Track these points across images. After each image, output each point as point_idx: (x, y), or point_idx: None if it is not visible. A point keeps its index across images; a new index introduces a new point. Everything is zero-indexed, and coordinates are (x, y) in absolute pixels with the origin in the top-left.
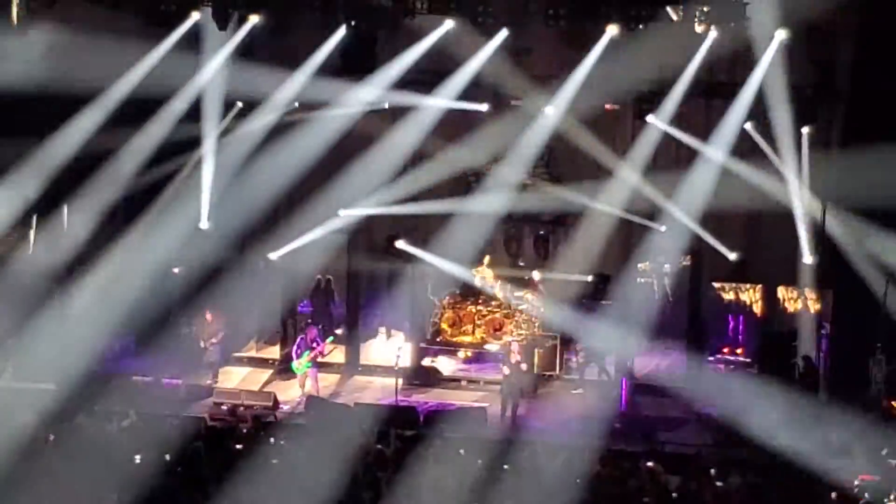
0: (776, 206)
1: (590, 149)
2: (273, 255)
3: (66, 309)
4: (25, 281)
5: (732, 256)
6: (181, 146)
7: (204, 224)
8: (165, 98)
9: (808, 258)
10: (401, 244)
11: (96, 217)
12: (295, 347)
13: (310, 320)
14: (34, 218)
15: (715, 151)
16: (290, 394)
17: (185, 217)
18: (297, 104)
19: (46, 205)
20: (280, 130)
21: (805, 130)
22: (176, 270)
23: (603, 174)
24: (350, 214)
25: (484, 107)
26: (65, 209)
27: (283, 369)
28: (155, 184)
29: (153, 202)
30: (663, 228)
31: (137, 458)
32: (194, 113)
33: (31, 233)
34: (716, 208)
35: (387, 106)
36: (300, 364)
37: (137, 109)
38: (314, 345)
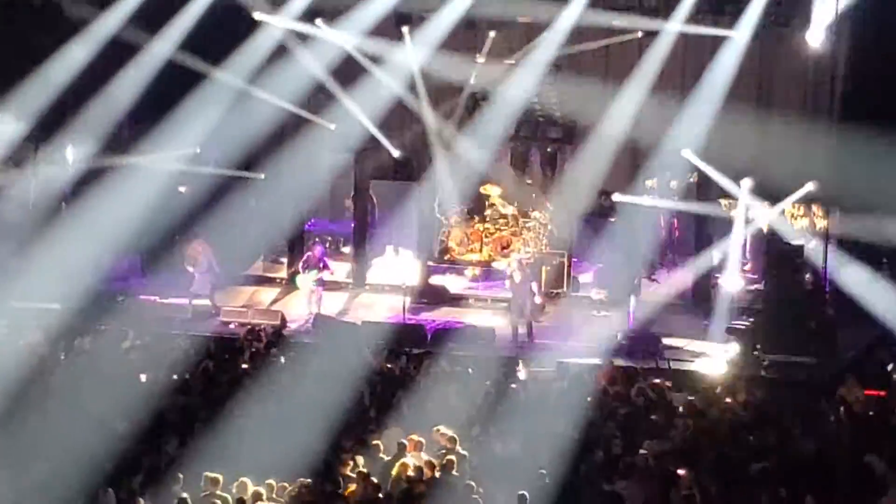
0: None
1: (597, 67)
2: (262, 175)
3: (72, 229)
4: (30, 202)
5: (747, 182)
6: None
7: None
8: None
9: (809, 185)
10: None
11: (101, 136)
12: (302, 264)
13: (317, 238)
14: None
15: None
16: (297, 312)
17: (191, 136)
18: None
19: (49, 127)
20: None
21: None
22: (182, 189)
23: (610, 92)
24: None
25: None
26: (68, 130)
27: (289, 284)
28: (162, 103)
29: (160, 120)
30: (670, 149)
31: (143, 378)
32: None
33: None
34: (723, 126)
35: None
36: (305, 279)
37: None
38: (321, 264)
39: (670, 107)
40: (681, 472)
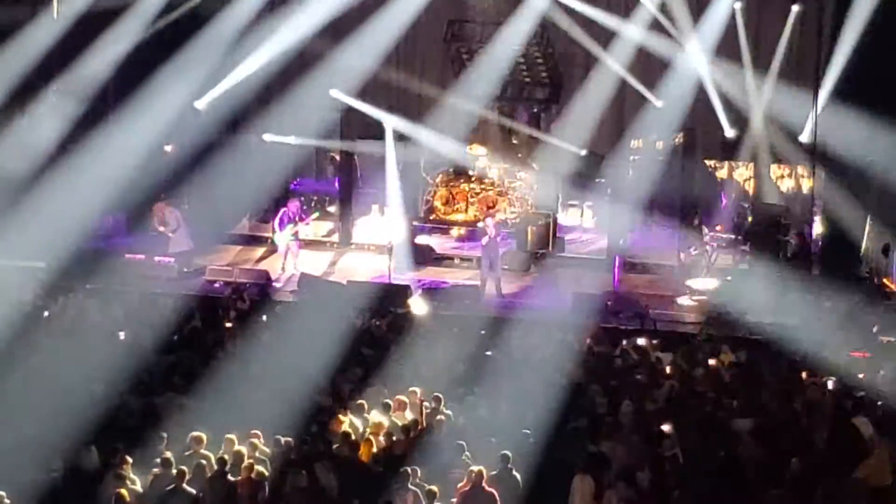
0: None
1: (584, 24)
2: (268, 137)
3: (57, 188)
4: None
5: (730, 133)
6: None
7: (200, 104)
8: None
9: (804, 136)
10: (392, 122)
11: (85, 96)
12: (277, 221)
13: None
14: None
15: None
16: (278, 270)
17: (177, 96)
18: None
19: (34, 86)
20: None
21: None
22: (168, 148)
23: (597, 49)
24: (340, 95)
25: None
26: (50, 88)
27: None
28: (147, 63)
29: (145, 80)
30: (660, 104)
31: (122, 336)
32: None
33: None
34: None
35: None
36: (283, 236)
37: None
38: (297, 219)
39: (658, 67)
40: (665, 431)
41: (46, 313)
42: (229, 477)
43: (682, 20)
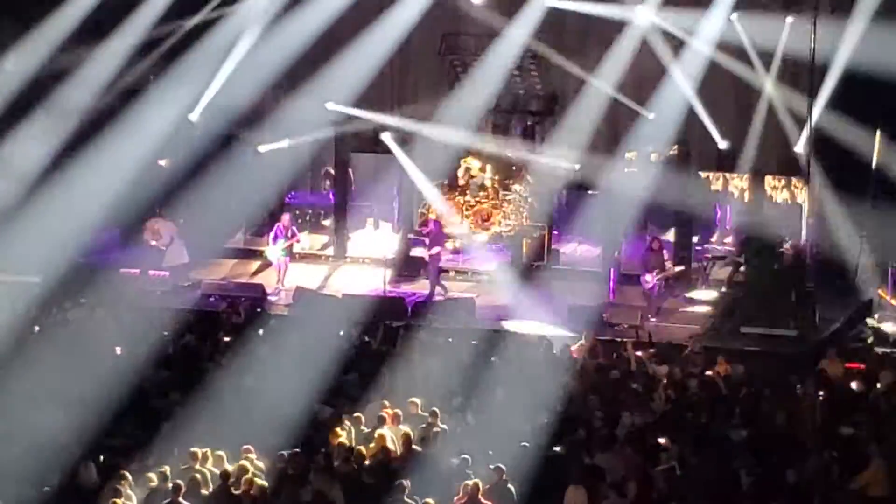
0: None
1: (579, 35)
2: (262, 149)
3: (52, 201)
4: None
5: (723, 145)
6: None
7: (194, 116)
8: None
9: (799, 147)
10: (385, 137)
11: (81, 111)
12: (272, 235)
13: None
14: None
15: (703, 40)
16: (275, 284)
17: (172, 109)
18: None
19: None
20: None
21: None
22: (162, 162)
23: (592, 63)
24: (337, 108)
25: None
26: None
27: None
28: (140, 78)
29: (138, 94)
30: (651, 116)
31: (118, 350)
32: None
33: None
34: (704, 97)
35: None
36: (275, 252)
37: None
38: (289, 233)
39: (651, 79)
40: (661, 443)
41: (41, 328)
42: (233, 491)
43: (676, 33)
